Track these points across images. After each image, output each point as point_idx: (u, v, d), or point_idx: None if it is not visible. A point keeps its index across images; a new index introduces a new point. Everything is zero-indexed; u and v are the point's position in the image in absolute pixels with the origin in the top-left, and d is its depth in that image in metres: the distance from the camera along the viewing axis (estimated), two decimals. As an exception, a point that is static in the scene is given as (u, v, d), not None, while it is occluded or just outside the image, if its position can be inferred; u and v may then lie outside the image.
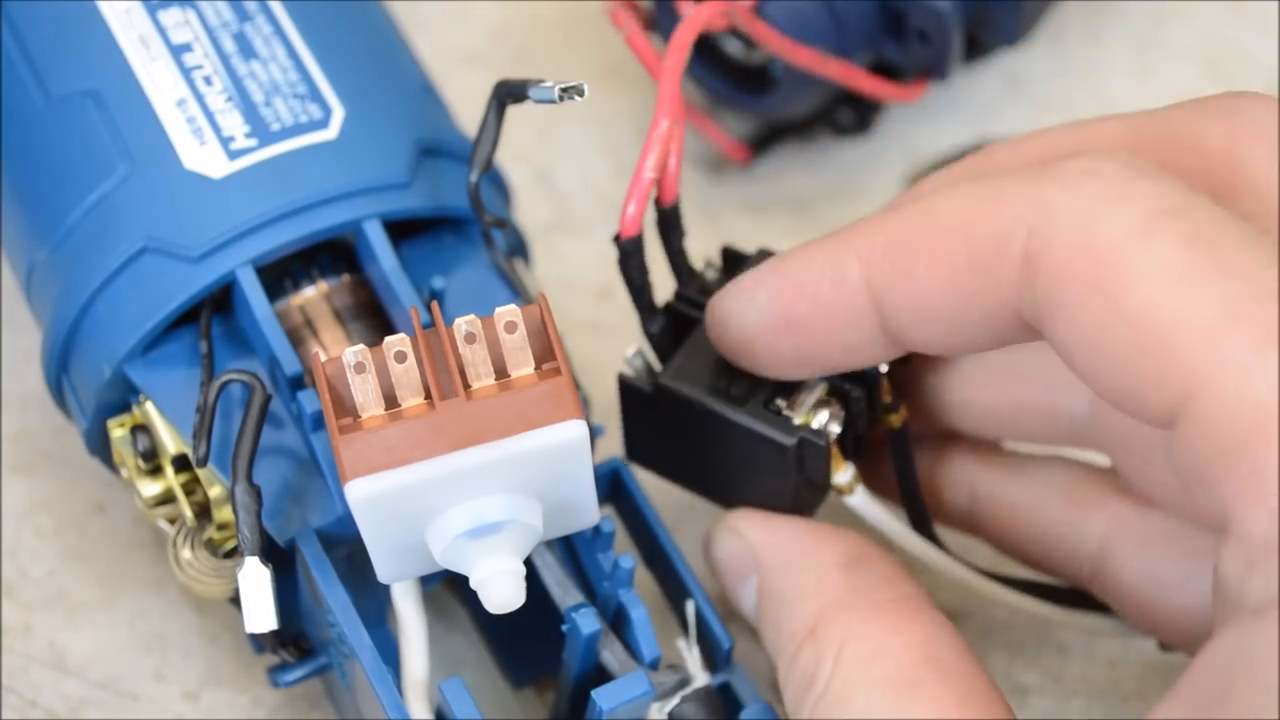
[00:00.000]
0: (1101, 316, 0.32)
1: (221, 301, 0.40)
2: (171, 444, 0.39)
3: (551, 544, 0.40)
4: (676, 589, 0.40)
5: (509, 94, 0.39)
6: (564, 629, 0.38)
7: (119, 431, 0.40)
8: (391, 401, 0.35)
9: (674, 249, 0.40)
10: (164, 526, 0.40)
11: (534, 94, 0.38)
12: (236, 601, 0.40)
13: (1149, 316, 0.31)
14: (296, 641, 0.41)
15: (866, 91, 0.50)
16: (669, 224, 0.40)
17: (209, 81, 0.41)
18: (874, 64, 0.50)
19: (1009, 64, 0.55)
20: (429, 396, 0.35)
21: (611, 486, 0.41)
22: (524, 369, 0.35)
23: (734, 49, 0.51)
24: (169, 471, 0.39)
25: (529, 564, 0.38)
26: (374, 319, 0.41)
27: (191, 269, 0.39)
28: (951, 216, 0.34)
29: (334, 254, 0.41)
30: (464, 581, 0.36)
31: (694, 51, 0.40)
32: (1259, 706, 0.29)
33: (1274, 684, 0.29)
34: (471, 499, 0.35)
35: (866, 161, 0.54)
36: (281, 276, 0.40)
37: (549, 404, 0.34)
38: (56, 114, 0.41)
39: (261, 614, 0.37)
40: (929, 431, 0.42)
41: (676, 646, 0.40)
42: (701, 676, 0.39)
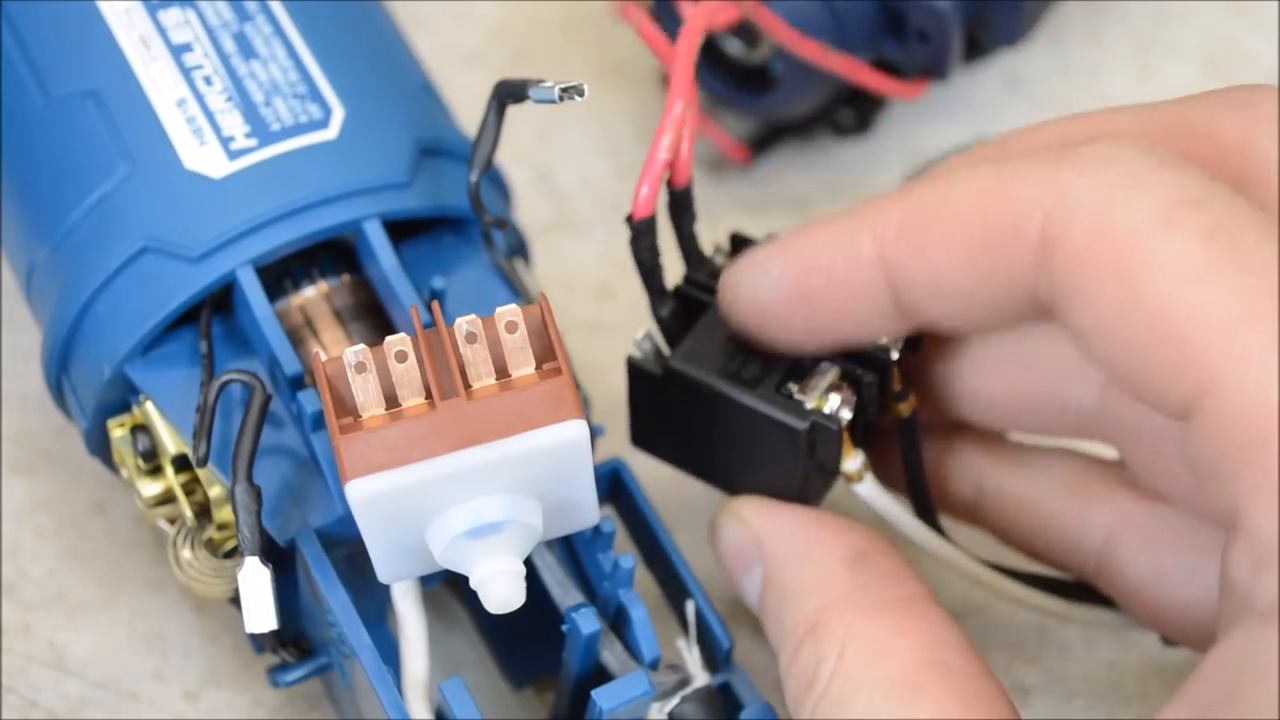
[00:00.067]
0: (1119, 303, 0.32)
1: (221, 301, 0.40)
2: (171, 444, 0.39)
3: (551, 544, 0.40)
4: (676, 589, 0.40)
5: (509, 94, 0.39)
6: (564, 629, 0.38)
7: (119, 431, 0.40)
8: (392, 401, 0.35)
9: (685, 232, 0.40)
10: (164, 526, 0.40)
11: (534, 94, 0.38)
12: (236, 601, 0.40)
13: (1167, 307, 0.31)
14: (296, 641, 0.41)
15: (870, 86, 0.50)
16: (681, 206, 0.40)
17: (209, 81, 0.41)
18: (874, 64, 0.50)
19: (1009, 64, 0.55)
20: (429, 396, 0.35)
21: (611, 486, 0.41)
22: (524, 369, 0.35)
23: (734, 49, 0.51)
24: (169, 471, 0.39)
25: (529, 564, 0.38)
26: (374, 319, 0.41)
27: (191, 269, 0.39)
28: (968, 197, 0.34)
29: (334, 254, 0.41)
30: (464, 581, 0.36)
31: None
32: (1267, 709, 0.29)
33: None
34: (471, 499, 0.35)
35: (867, 161, 0.54)
36: (281, 276, 0.40)
37: (549, 404, 0.34)
38: (57, 114, 0.41)
39: (261, 614, 0.37)
40: (936, 421, 0.42)
41: (676, 646, 0.39)
42: (701, 676, 0.39)
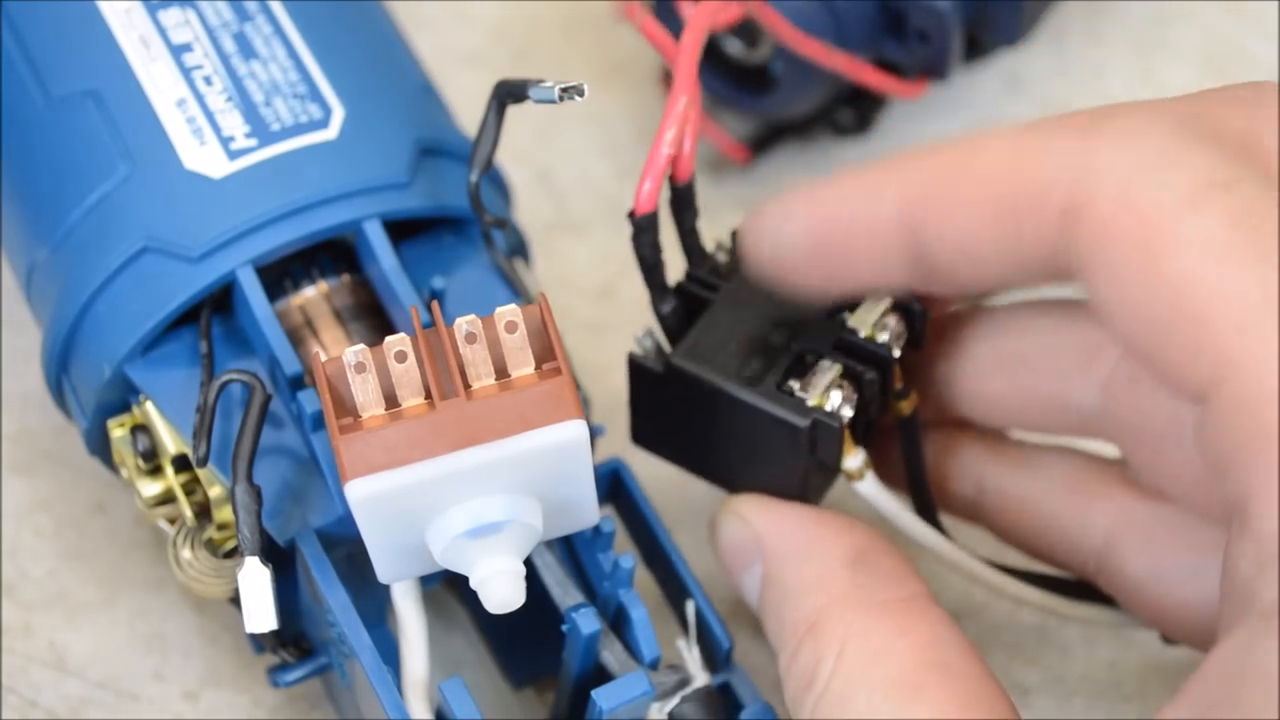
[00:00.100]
0: (1143, 276, 0.32)
1: (221, 301, 0.40)
2: (171, 444, 0.39)
3: (551, 544, 0.40)
4: (676, 589, 0.40)
5: (509, 94, 0.39)
6: (564, 629, 0.38)
7: (119, 431, 0.40)
8: (392, 401, 0.35)
9: (686, 229, 0.40)
10: (164, 526, 0.40)
11: (534, 94, 0.38)
12: (236, 601, 0.40)
13: (1190, 284, 0.31)
14: (296, 641, 0.41)
15: (871, 85, 0.50)
16: (683, 203, 0.40)
17: (209, 81, 0.41)
18: (874, 64, 0.50)
19: (1009, 64, 0.55)
20: (429, 396, 0.35)
21: (611, 486, 0.41)
22: (524, 369, 0.35)
23: (735, 49, 0.51)
24: (169, 471, 0.39)
25: (529, 564, 0.38)
26: (374, 319, 0.41)
27: (191, 269, 0.39)
28: (996, 160, 0.34)
29: (334, 254, 0.41)
30: (464, 581, 0.36)
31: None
32: (1269, 709, 0.29)
33: None
34: (471, 499, 0.35)
35: (867, 161, 0.53)
36: (281, 276, 0.40)
37: (549, 404, 0.34)
38: (57, 114, 0.41)
39: (261, 614, 0.37)
40: (938, 420, 0.42)
41: (676, 646, 0.39)
42: (701, 676, 0.39)
